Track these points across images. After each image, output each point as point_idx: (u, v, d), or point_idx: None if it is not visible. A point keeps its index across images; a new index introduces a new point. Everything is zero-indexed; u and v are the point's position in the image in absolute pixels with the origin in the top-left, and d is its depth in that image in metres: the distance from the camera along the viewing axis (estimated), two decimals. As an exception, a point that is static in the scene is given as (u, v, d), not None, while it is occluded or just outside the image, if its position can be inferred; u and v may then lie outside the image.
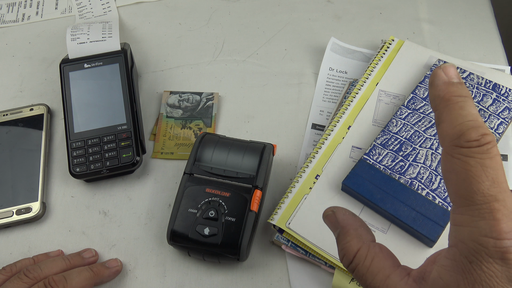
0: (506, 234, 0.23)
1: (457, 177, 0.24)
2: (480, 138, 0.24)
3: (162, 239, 0.48)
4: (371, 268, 0.28)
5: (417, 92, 0.50)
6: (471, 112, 0.25)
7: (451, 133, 0.25)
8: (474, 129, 0.24)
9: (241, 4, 0.67)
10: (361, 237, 0.29)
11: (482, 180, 0.24)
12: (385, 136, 0.47)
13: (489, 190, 0.23)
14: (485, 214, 0.23)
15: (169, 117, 0.55)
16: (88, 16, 0.65)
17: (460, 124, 0.25)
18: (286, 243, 0.44)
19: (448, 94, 0.26)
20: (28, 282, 0.41)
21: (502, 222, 0.23)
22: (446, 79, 0.27)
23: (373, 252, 0.28)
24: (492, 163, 0.24)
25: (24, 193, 0.50)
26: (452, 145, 0.25)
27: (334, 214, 0.31)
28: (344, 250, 0.29)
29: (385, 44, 0.56)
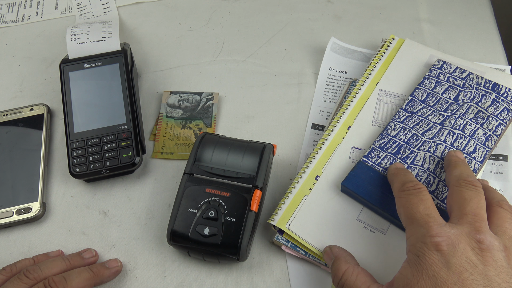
0: (437, 233, 0.35)
1: (404, 208, 0.38)
2: (415, 185, 0.39)
3: (162, 239, 0.48)
4: (356, 282, 0.38)
5: (416, 95, 0.50)
6: (410, 177, 0.42)
7: (399, 186, 0.40)
8: (411, 182, 0.40)
9: (241, 4, 0.67)
10: (348, 261, 0.40)
11: (418, 205, 0.37)
12: (384, 139, 0.47)
13: (423, 211, 0.37)
14: (422, 224, 0.36)
15: (169, 117, 0.55)
16: (88, 16, 0.65)
17: (403, 180, 0.41)
18: (286, 243, 0.45)
19: (396, 171, 0.43)
20: (28, 282, 0.41)
21: (434, 227, 0.35)
22: (394, 166, 0.45)
23: (357, 270, 0.39)
24: (424, 197, 0.38)
25: (24, 193, 0.50)
26: (399, 191, 0.40)
27: (330, 249, 0.42)
28: (336, 270, 0.39)
29: (386, 43, 0.56)
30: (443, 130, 0.47)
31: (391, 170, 0.44)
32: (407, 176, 0.42)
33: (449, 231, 0.35)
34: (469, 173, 0.40)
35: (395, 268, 0.41)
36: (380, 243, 0.43)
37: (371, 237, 0.44)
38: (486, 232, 0.35)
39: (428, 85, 0.51)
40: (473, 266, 0.33)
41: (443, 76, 0.51)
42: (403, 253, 0.43)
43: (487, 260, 0.33)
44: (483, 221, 0.35)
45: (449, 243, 0.34)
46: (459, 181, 0.39)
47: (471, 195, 0.37)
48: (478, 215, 0.36)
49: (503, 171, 0.49)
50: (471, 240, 0.34)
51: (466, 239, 0.34)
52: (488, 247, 0.34)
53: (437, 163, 0.45)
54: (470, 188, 0.38)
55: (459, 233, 0.34)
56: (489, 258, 0.33)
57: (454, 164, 0.42)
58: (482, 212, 0.36)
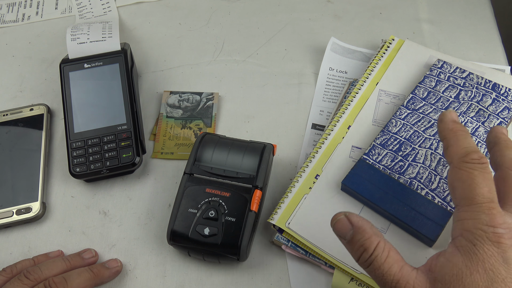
0: (500, 224, 0.30)
1: (463, 183, 0.33)
2: (480, 158, 0.33)
3: (162, 239, 0.48)
4: (388, 259, 0.32)
5: (417, 93, 0.50)
6: (472, 142, 0.35)
7: (460, 152, 0.34)
8: (476, 152, 0.34)
9: (241, 4, 0.67)
10: (378, 234, 0.33)
11: (483, 186, 0.32)
12: (385, 136, 0.47)
13: (487, 194, 0.32)
14: (485, 210, 0.31)
15: (169, 117, 0.55)
16: (88, 16, 0.65)
17: (466, 147, 0.34)
18: (286, 243, 0.44)
19: (455, 128, 0.36)
20: (29, 283, 0.41)
21: (497, 216, 0.31)
22: (452, 118, 0.37)
23: (388, 246, 0.33)
24: (489, 176, 0.33)
25: (24, 193, 0.50)
26: (460, 161, 0.34)
27: (347, 217, 0.34)
28: (365, 245, 0.33)
29: (385, 44, 0.56)
30: (444, 128, 0.47)
31: (447, 122, 0.37)
32: (469, 141, 0.35)
33: (510, 221, 0.31)
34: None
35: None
36: (381, 242, 0.43)
37: (372, 237, 0.44)
38: None
39: (429, 84, 0.51)
40: None
41: (444, 75, 0.51)
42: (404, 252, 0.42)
43: None
44: None
45: (510, 236, 0.30)
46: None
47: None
48: None
49: (504, 170, 0.49)
50: None
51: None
52: None
53: (438, 160, 0.45)
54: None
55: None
56: None
57: (506, 144, 0.36)
58: None
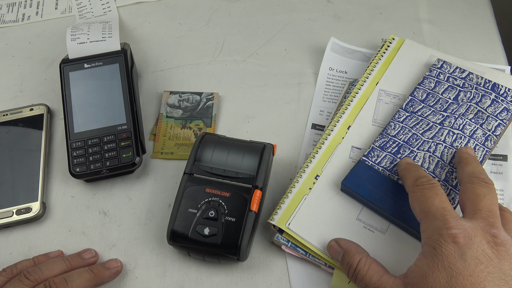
0: (454, 226, 0.35)
1: (418, 202, 0.39)
2: (429, 180, 0.40)
3: (162, 239, 0.48)
4: (369, 271, 0.38)
5: (416, 95, 0.50)
6: (421, 171, 0.42)
7: (412, 180, 0.41)
8: (425, 177, 0.40)
9: (241, 4, 0.67)
10: (360, 253, 0.40)
11: (434, 199, 0.38)
12: (384, 139, 0.47)
13: (439, 204, 0.37)
14: (439, 217, 0.36)
15: (169, 117, 0.55)
16: (88, 16, 0.65)
17: (416, 175, 0.41)
18: (286, 243, 0.45)
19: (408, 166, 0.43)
20: (29, 284, 0.41)
21: (450, 220, 0.35)
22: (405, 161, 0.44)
23: (369, 260, 0.39)
24: (439, 191, 0.38)
25: (24, 193, 0.50)
26: (413, 186, 0.40)
27: (337, 242, 0.42)
28: (350, 262, 0.40)
29: (386, 43, 0.56)
30: (443, 130, 0.47)
31: (402, 165, 0.44)
32: (419, 171, 0.42)
33: (465, 224, 0.35)
34: (481, 170, 0.40)
35: (395, 267, 0.41)
36: (380, 242, 0.43)
37: (371, 237, 0.44)
38: (500, 227, 0.35)
39: (428, 85, 0.51)
40: (488, 259, 0.33)
41: (443, 76, 0.51)
42: (403, 252, 0.43)
43: (501, 254, 0.34)
44: (496, 217, 0.36)
45: (465, 236, 0.34)
46: (472, 178, 0.39)
47: (485, 192, 0.38)
48: (492, 211, 0.36)
49: (503, 171, 0.49)
50: (486, 234, 0.35)
51: (481, 232, 0.35)
52: (502, 242, 0.34)
53: (436, 163, 0.45)
54: (483, 185, 0.38)
55: (475, 226, 0.35)
56: (504, 252, 0.34)
57: (466, 161, 0.42)
58: (496, 208, 0.37)
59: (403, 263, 0.42)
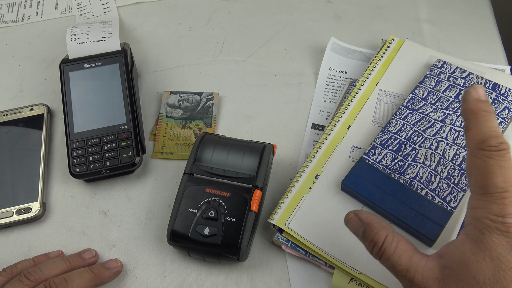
0: (510, 214, 0.30)
1: (477, 172, 0.32)
2: (499, 145, 0.32)
3: (162, 239, 0.48)
4: (397, 250, 0.33)
5: (417, 93, 0.50)
6: (493, 124, 0.33)
7: (477, 138, 0.33)
8: (495, 137, 0.32)
9: (241, 4, 0.67)
10: (385, 228, 0.35)
11: (497, 176, 0.31)
12: (385, 136, 0.47)
13: (501, 183, 0.31)
14: (496, 200, 0.31)
15: (169, 117, 0.55)
16: (88, 16, 0.65)
17: (484, 132, 0.33)
18: (286, 243, 0.44)
19: (477, 109, 0.34)
20: (29, 284, 0.41)
21: (509, 207, 0.30)
22: (476, 96, 0.35)
23: (397, 237, 0.34)
24: (506, 164, 0.32)
25: (24, 193, 0.50)
26: (476, 148, 0.33)
27: (357, 215, 0.36)
28: (374, 239, 0.34)
29: (385, 44, 0.56)
30: (445, 127, 0.47)
31: (470, 102, 0.35)
32: (490, 124, 0.34)
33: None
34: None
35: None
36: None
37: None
38: None
39: (429, 84, 0.51)
40: None
41: (444, 75, 0.51)
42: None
43: None
44: None
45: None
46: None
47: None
48: None
49: (504, 170, 0.49)
50: None
51: None
52: None
53: (438, 160, 0.45)
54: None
55: None
56: None
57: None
58: None
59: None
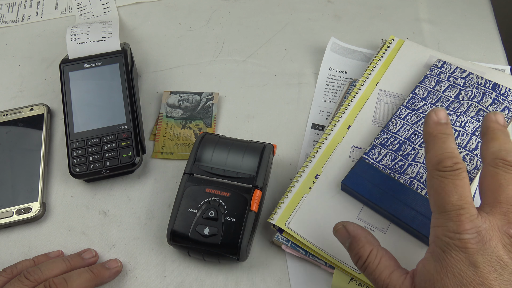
0: (467, 230, 0.31)
1: (435, 192, 0.33)
2: (453, 165, 0.33)
3: (162, 239, 0.48)
4: (379, 266, 0.35)
5: (417, 92, 0.50)
6: (450, 146, 0.34)
7: (434, 160, 0.34)
8: (450, 158, 0.33)
9: (241, 4, 0.67)
10: (371, 242, 0.36)
11: (452, 194, 0.32)
12: (385, 136, 0.47)
13: (457, 201, 0.32)
14: (453, 217, 0.32)
15: (169, 117, 0.55)
16: (88, 16, 0.65)
17: (440, 154, 0.34)
18: (286, 243, 0.44)
19: (436, 131, 0.35)
20: (29, 284, 0.41)
21: (465, 223, 0.31)
22: (436, 120, 0.36)
23: (380, 253, 0.35)
24: (461, 182, 0.32)
25: (24, 193, 0.50)
26: (433, 169, 0.34)
27: (345, 227, 0.38)
28: (359, 253, 0.36)
29: (385, 44, 0.56)
30: (444, 129, 0.47)
31: (430, 125, 0.36)
32: (446, 145, 0.34)
33: (480, 225, 0.31)
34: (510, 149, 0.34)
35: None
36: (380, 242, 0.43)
37: (371, 237, 0.44)
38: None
39: (429, 84, 0.51)
40: (503, 266, 0.30)
41: (444, 75, 0.51)
42: (403, 252, 0.43)
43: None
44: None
45: (478, 241, 0.31)
46: (496, 160, 0.33)
47: (509, 180, 0.32)
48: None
49: (504, 170, 0.49)
50: (503, 236, 0.31)
51: (498, 234, 0.31)
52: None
53: None
54: (508, 170, 0.33)
55: (491, 227, 0.31)
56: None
57: (492, 134, 0.35)
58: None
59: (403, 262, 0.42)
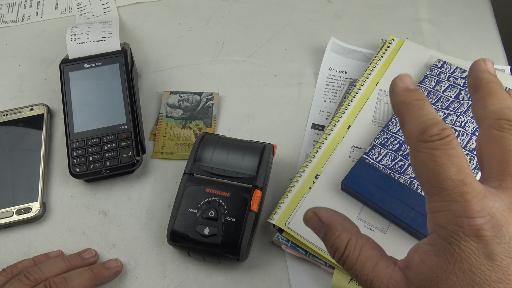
0: (477, 212, 0.24)
1: (426, 168, 0.27)
2: (441, 132, 0.26)
3: (162, 239, 0.48)
4: (359, 258, 0.29)
5: (417, 92, 0.50)
6: (430, 111, 0.28)
7: (415, 130, 0.27)
8: (435, 125, 0.27)
9: (241, 4, 0.67)
10: (348, 230, 0.30)
11: (449, 167, 0.26)
12: (385, 136, 0.47)
13: (456, 175, 0.25)
14: (456, 197, 0.25)
15: (169, 117, 0.55)
16: (88, 16, 0.65)
17: (422, 122, 0.27)
18: (286, 243, 0.44)
19: (408, 98, 0.29)
20: (29, 284, 0.41)
21: (472, 203, 0.25)
22: (404, 87, 0.30)
23: (361, 242, 0.29)
24: (455, 152, 0.26)
25: (24, 193, 0.50)
26: (418, 141, 0.27)
27: (316, 214, 0.31)
28: (336, 244, 0.29)
29: (385, 44, 0.56)
30: (444, 128, 0.47)
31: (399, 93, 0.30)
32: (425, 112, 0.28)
33: (492, 205, 0.25)
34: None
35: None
36: (380, 242, 0.43)
37: (371, 236, 0.43)
38: None
39: (429, 84, 0.51)
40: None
41: (444, 75, 0.51)
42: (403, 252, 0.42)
43: None
44: None
45: (493, 225, 0.24)
46: (500, 122, 0.27)
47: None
48: None
49: (504, 170, 0.49)
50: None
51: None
52: None
53: None
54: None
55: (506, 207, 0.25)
56: None
57: (488, 88, 0.29)
58: None
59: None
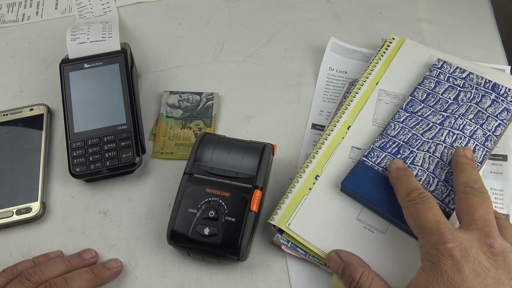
0: (450, 240, 0.35)
1: (412, 217, 0.39)
2: (420, 194, 0.40)
3: (162, 239, 0.48)
4: (371, 286, 0.38)
5: (416, 95, 0.50)
6: (413, 182, 0.42)
7: (404, 194, 0.41)
8: (416, 190, 0.40)
9: (241, 4, 0.67)
10: (362, 266, 0.40)
11: (427, 213, 0.38)
12: (384, 139, 0.47)
13: (433, 218, 0.38)
14: (434, 231, 0.37)
15: (169, 117, 0.55)
16: (88, 16, 0.65)
17: (408, 188, 0.41)
18: (286, 243, 0.45)
19: (399, 175, 0.43)
20: (30, 285, 0.41)
21: (446, 234, 0.36)
22: (396, 167, 0.44)
23: (372, 275, 0.39)
24: (431, 204, 0.39)
25: (24, 193, 0.50)
26: (405, 201, 0.40)
27: (337, 254, 0.42)
28: (352, 275, 0.39)
29: (386, 43, 0.56)
30: (443, 130, 0.47)
31: (392, 172, 0.44)
32: (410, 181, 0.42)
33: (460, 236, 0.36)
34: (476, 178, 0.40)
35: (395, 268, 0.41)
36: (380, 242, 0.43)
37: (371, 237, 0.44)
38: (496, 236, 0.36)
39: (428, 85, 0.51)
40: (485, 271, 0.34)
41: (443, 76, 0.51)
42: (402, 252, 0.43)
43: (498, 264, 0.34)
44: (492, 226, 0.36)
45: (461, 248, 0.35)
46: (466, 188, 0.39)
47: (479, 202, 0.38)
48: (487, 221, 0.37)
49: (503, 171, 0.49)
50: (482, 245, 0.35)
51: (477, 243, 0.35)
52: (499, 251, 0.35)
53: (436, 163, 0.45)
54: (477, 194, 0.39)
55: (471, 238, 0.35)
56: (501, 262, 0.34)
57: (461, 167, 0.42)
58: (491, 217, 0.37)
59: (402, 263, 0.42)
